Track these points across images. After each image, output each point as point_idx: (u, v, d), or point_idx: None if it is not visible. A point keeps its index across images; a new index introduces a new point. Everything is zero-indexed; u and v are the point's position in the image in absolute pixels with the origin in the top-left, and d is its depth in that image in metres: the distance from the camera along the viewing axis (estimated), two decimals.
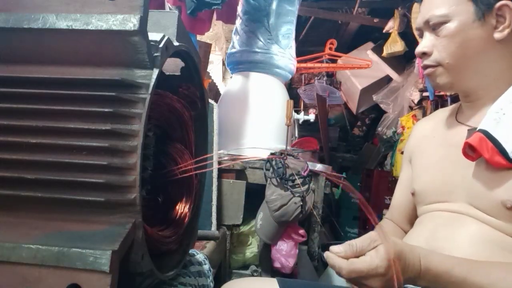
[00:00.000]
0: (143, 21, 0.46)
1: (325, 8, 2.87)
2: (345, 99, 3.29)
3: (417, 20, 0.78)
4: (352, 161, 3.38)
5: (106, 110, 0.46)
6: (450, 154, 0.75)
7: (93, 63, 0.48)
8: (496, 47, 0.71)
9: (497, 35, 0.70)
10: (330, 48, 2.68)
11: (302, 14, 2.63)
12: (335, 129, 3.44)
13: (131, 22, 0.45)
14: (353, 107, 3.26)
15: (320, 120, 2.79)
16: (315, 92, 2.81)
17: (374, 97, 2.76)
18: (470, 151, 0.67)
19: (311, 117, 2.04)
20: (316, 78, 3.03)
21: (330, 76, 3.25)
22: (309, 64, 2.68)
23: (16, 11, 0.48)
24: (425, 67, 0.77)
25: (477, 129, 0.67)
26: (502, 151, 0.63)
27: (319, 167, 1.67)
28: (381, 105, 2.75)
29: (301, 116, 2.04)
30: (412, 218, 0.87)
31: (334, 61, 2.84)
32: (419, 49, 0.77)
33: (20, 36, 0.48)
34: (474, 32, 0.70)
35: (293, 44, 1.94)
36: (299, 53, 2.20)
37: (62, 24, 0.46)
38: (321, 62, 2.70)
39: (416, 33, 0.81)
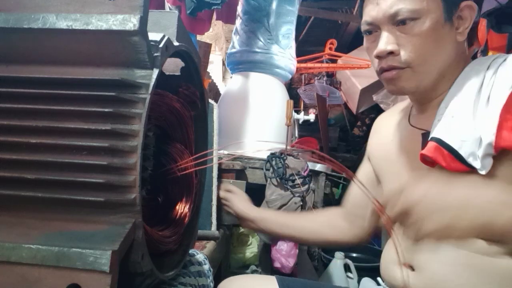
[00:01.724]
0: (143, 21, 0.46)
1: (325, 8, 2.87)
2: (345, 99, 3.29)
3: (370, 13, 0.68)
4: (352, 161, 3.37)
5: (106, 110, 0.46)
6: (409, 161, 0.73)
7: (93, 63, 0.48)
8: (454, 48, 0.68)
9: (459, 37, 0.67)
10: (330, 48, 2.68)
11: (302, 14, 2.63)
12: (335, 129, 3.44)
13: (131, 22, 0.45)
14: (353, 107, 3.25)
15: (320, 120, 2.78)
16: (315, 92, 2.81)
17: (374, 97, 2.75)
18: (428, 158, 0.65)
19: (311, 117, 2.04)
20: (316, 78, 3.02)
21: (330, 76, 3.25)
22: (309, 64, 2.68)
23: (16, 11, 0.48)
24: (388, 68, 0.68)
25: (430, 137, 0.65)
26: (458, 157, 0.61)
27: (319, 167, 1.67)
28: (381, 105, 2.75)
29: (301, 116, 2.04)
30: (363, 213, 0.87)
31: (334, 61, 2.84)
32: (382, 46, 0.67)
33: (20, 36, 0.48)
34: (444, 32, 0.66)
35: (293, 44, 1.94)
36: (299, 53, 2.20)
37: (62, 24, 0.46)
38: (321, 62, 2.70)
39: (364, 27, 0.71)
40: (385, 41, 0.67)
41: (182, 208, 0.67)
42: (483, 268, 0.60)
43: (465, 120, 0.62)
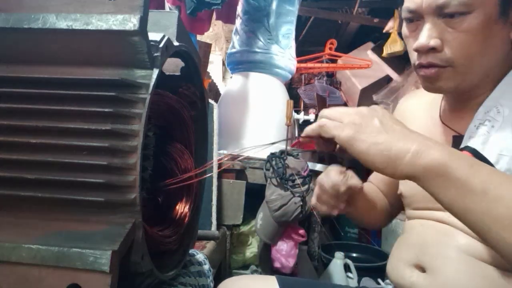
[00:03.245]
0: (143, 21, 0.46)
1: (325, 8, 2.87)
2: (345, 99, 3.29)
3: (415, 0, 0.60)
4: (352, 161, 3.37)
5: (106, 110, 0.46)
6: None
7: (93, 63, 0.48)
8: (504, 46, 0.60)
9: None
10: (330, 48, 2.68)
11: (302, 14, 2.63)
12: None
13: (131, 22, 0.45)
14: (353, 107, 3.25)
15: None
16: (315, 92, 2.81)
17: (374, 97, 2.75)
18: None
19: (311, 117, 2.04)
20: (316, 78, 3.02)
21: (330, 76, 3.24)
22: (309, 64, 2.68)
23: (16, 11, 0.48)
24: (428, 66, 0.61)
25: (465, 145, 0.59)
26: None
27: (319, 167, 1.67)
28: (381, 105, 2.75)
29: (301, 116, 2.04)
30: (391, 184, 0.84)
31: (334, 61, 2.84)
32: (424, 41, 0.59)
33: (20, 36, 0.48)
34: (497, 29, 0.58)
35: (293, 44, 1.94)
36: (299, 53, 2.20)
37: (62, 24, 0.46)
38: (321, 62, 2.70)
39: (405, 14, 0.63)
40: (428, 35, 0.59)
41: (182, 208, 0.67)
42: (501, 284, 0.57)
43: (507, 132, 0.56)
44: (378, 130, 0.49)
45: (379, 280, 1.49)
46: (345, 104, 3.40)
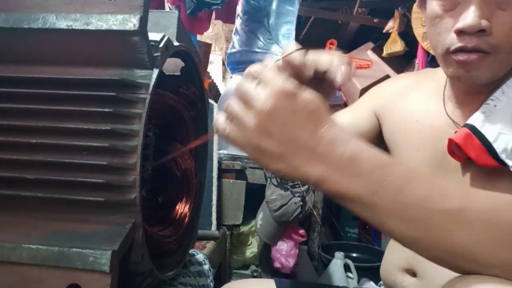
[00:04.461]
0: (143, 21, 0.46)
1: (325, 8, 2.87)
2: (345, 99, 3.28)
3: None
4: None
5: (106, 110, 0.46)
6: (434, 157, 0.64)
7: (93, 63, 0.48)
8: None
9: None
10: (330, 48, 2.67)
11: (302, 14, 2.63)
12: None
13: (131, 22, 0.45)
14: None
15: None
16: None
17: None
18: (456, 149, 0.57)
19: None
20: None
21: None
22: None
23: (16, 11, 0.48)
24: (473, 50, 0.53)
25: (465, 123, 0.57)
26: (491, 150, 0.53)
27: None
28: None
29: None
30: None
31: None
32: (475, 20, 0.51)
33: (20, 36, 0.48)
34: None
35: None
36: None
37: (62, 24, 0.46)
38: None
39: None
40: (478, 14, 0.51)
41: (182, 208, 0.67)
42: None
43: (509, 112, 0.54)
44: (276, 155, 0.40)
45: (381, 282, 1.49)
46: (345, 105, 3.40)
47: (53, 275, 0.40)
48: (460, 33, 0.53)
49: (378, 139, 0.79)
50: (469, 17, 0.51)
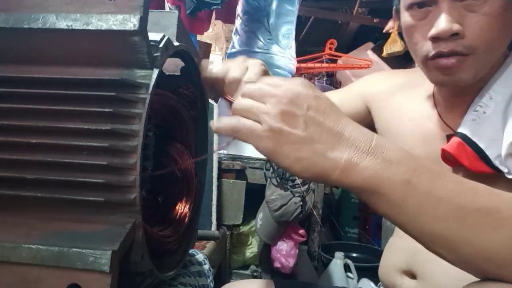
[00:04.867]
0: (143, 21, 0.46)
1: (325, 8, 2.87)
2: None
3: None
4: None
5: (106, 110, 0.46)
6: (429, 158, 0.63)
7: (93, 63, 0.48)
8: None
9: None
10: (330, 48, 2.68)
11: (302, 14, 2.63)
12: None
13: (131, 22, 0.45)
14: None
15: None
16: None
17: None
18: (449, 156, 0.58)
19: None
20: (316, 78, 3.02)
21: (330, 76, 3.25)
22: (309, 64, 2.68)
23: (16, 11, 0.48)
24: (450, 54, 0.54)
25: (456, 131, 0.57)
26: (484, 157, 0.54)
27: None
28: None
29: None
30: None
31: (334, 61, 2.84)
32: (446, 25, 0.52)
33: (20, 36, 0.48)
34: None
35: (293, 44, 1.94)
36: (299, 53, 2.20)
37: (62, 24, 0.46)
38: (321, 62, 2.70)
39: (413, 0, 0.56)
40: (448, 19, 0.52)
41: (182, 208, 0.67)
42: None
43: (498, 118, 0.54)
44: (302, 138, 0.39)
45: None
46: None
47: (53, 275, 0.40)
48: (435, 39, 0.55)
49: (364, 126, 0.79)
50: (441, 23, 0.53)
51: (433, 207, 0.37)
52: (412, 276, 0.66)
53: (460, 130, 0.57)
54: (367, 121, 0.79)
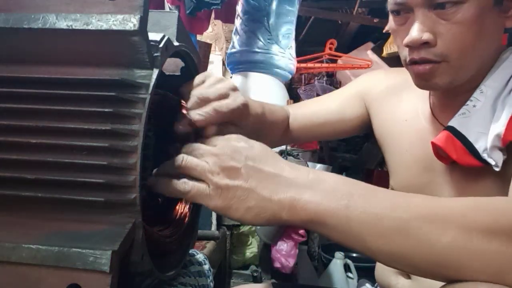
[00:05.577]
0: (143, 21, 0.46)
1: (325, 8, 2.87)
2: None
3: None
4: (352, 161, 3.38)
5: (106, 110, 0.46)
6: (423, 158, 0.65)
7: (93, 63, 0.48)
8: (499, 36, 0.57)
9: (509, 22, 0.56)
10: (330, 48, 2.68)
11: (302, 14, 2.63)
12: None
13: (131, 22, 0.45)
14: None
15: None
16: (315, 92, 2.81)
17: None
18: (442, 152, 0.58)
19: None
20: (316, 78, 3.02)
21: (330, 76, 3.25)
22: (309, 64, 2.68)
23: (16, 11, 0.48)
24: (421, 62, 0.57)
25: (446, 126, 0.58)
26: (472, 151, 0.54)
27: (319, 167, 1.67)
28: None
29: None
30: (307, 132, 0.79)
31: (334, 61, 2.84)
32: (416, 35, 0.54)
33: (20, 36, 0.48)
34: (491, 18, 0.54)
35: (293, 44, 1.94)
36: (299, 53, 2.20)
37: (62, 24, 0.46)
38: (321, 62, 2.70)
39: (392, 7, 0.58)
40: (420, 28, 0.55)
41: (182, 208, 0.67)
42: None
43: (487, 111, 0.54)
44: (247, 189, 0.42)
45: None
46: None
47: (53, 275, 0.40)
48: (409, 47, 0.57)
49: (366, 126, 0.81)
50: (413, 31, 0.55)
51: (374, 225, 0.38)
52: (407, 276, 0.66)
53: (449, 123, 0.58)
54: (368, 123, 0.80)
